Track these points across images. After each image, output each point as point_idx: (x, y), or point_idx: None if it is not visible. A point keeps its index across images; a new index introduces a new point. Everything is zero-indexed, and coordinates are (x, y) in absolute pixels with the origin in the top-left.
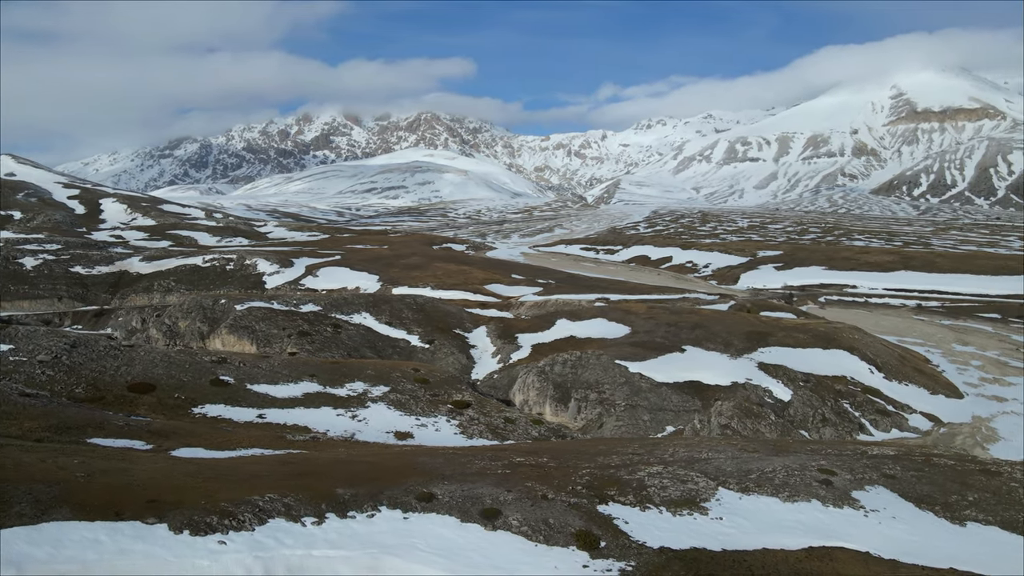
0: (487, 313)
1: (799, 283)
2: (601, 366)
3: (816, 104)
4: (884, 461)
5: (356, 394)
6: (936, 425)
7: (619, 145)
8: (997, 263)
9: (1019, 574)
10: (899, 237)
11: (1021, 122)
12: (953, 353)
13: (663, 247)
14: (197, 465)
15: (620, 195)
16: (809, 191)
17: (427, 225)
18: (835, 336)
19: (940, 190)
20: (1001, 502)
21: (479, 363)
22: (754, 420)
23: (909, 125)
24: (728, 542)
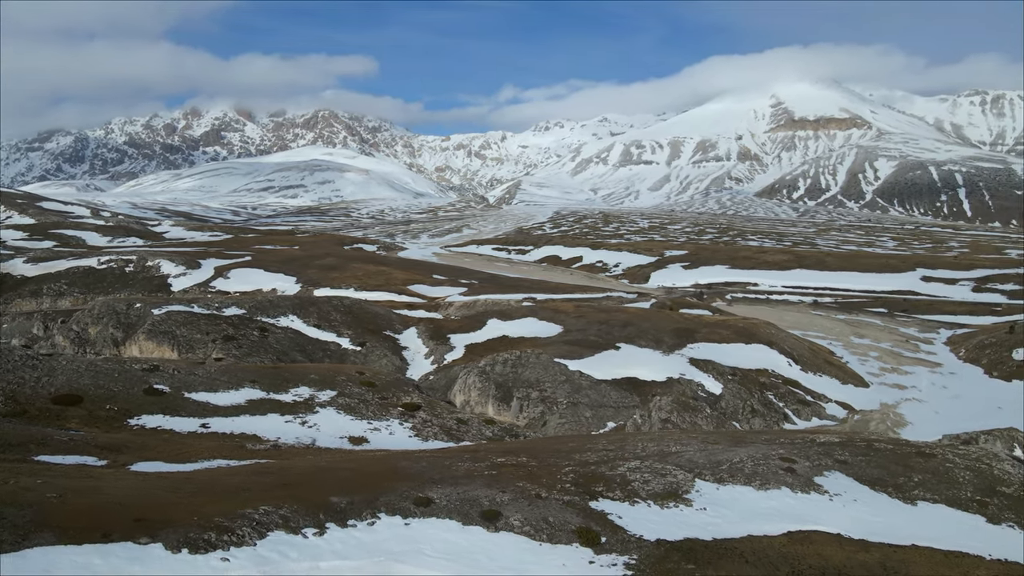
0: (416, 314)
1: (706, 281)
2: (541, 365)
3: (704, 111)
4: (833, 448)
5: (303, 399)
6: (850, 413)
7: (518, 146)
8: (879, 262)
9: (970, 546)
10: (788, 238)
11: (885, 132)
12: (852, 345)
13: (573, 247)
14: (170, 480)
15: (521, 196)
16: (700, 193)
17: (331, 225)
18: (754, 331)
19: (816, 193)
20: (942, 481)
21: (412, 365)
22: (691, 413)
23: (787, 132)
24: (716, 531)
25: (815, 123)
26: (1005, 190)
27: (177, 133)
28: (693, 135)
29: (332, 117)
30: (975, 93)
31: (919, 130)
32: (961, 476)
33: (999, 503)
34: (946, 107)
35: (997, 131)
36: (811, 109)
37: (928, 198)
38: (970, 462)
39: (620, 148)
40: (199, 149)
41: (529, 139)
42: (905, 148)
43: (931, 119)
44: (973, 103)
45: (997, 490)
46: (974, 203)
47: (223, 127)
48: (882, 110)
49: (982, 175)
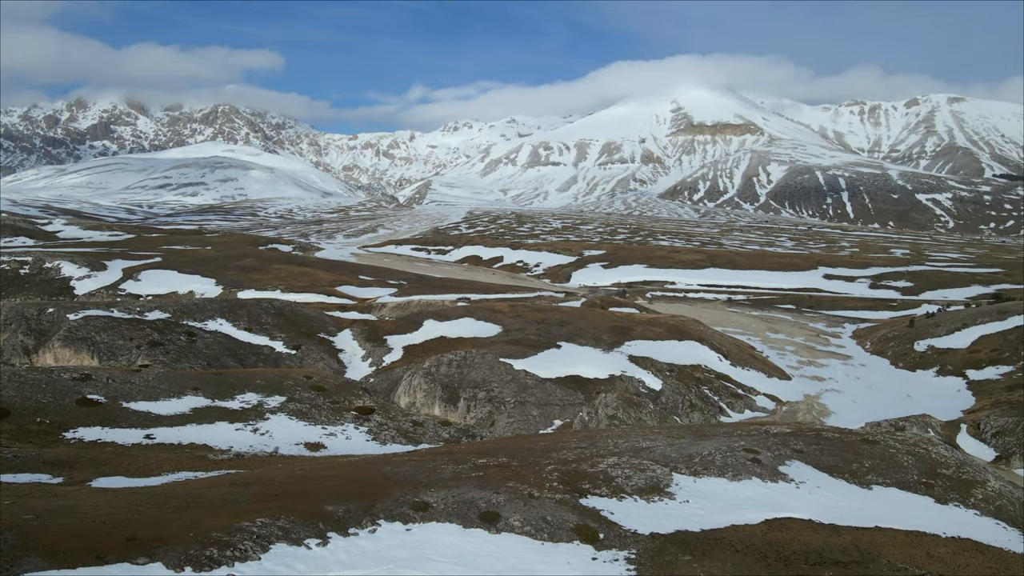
0: (349, 316)
1: (626, 280)
2: (487, 365)
3: (609, 114)
4: (787, 438)
5: (251, 406)
6: (778, 404)
7: (427, 146)
8: (785, 260)
9: (926, 526)
10: (696, 238)
11: (776, 138)
12: (769, 340)
13: (493, 247)
14: (148, 495)
15: (432, 196)
16: (606, 194)
17: (238, 224)
18: (685, 329)
19: (715, 195)
20: (890, 466)
21: (350, 367)
22: (636, 409)
23: (687, 137)
24: (703, 522)
25: (712, 128)
26: (883, 194)
27: (60, 125)
28: (599, 137)
29: (233, 112)
30: (855, 103)
31: (806, 137)
32: (905, 461)
33: (943, 484)
34: (829, 116)
35: (874, 139)
36: (709, 115)
37: (815, 200)
38: (909, 447)
39: (528, 149)
40: (86, 143)
41: (438, 139)
42: (794, 154)
43: (816, 127)
44: (853, 112)
45: (938, 472)
46: (856, 206)
47: (113, 120)
48: (773, 117)
49: (862, 180)
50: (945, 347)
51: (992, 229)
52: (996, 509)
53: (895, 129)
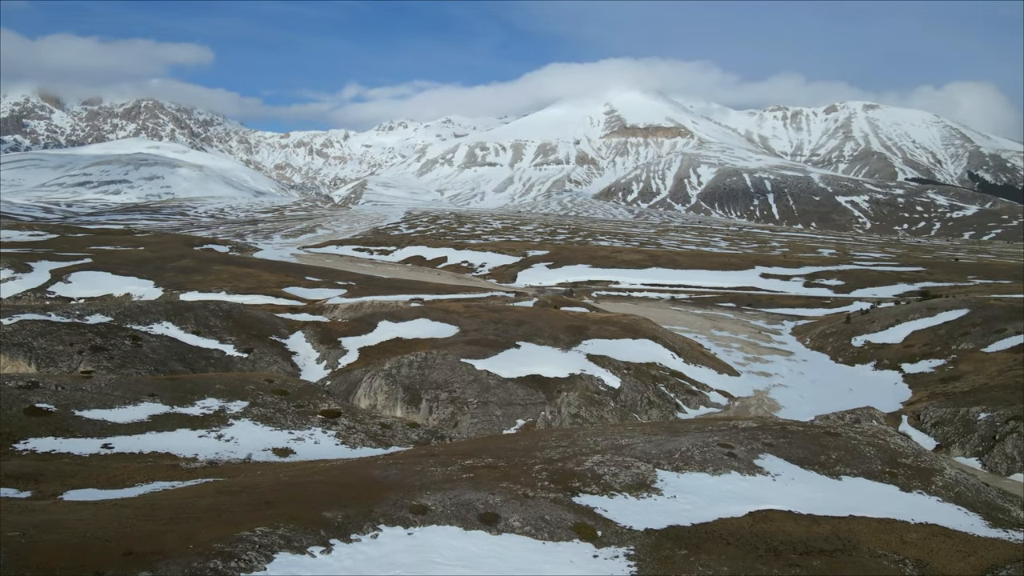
0: (300, 317)
1: (571, 280)
2: (448, 366)
3: (544, 115)
4: (756, 432)
5: (213, 412)
6: (731, 400)
7: (362, 146)
8: (723, 260)
9: (896, 513)
10: (635, 238)
11: (705, 141)
12: (715, 338)
13: (437, 247)
14: (134, 508)
15: (368, 196)
16: (542, 195)
17: (167, 224)
18: (638, 327)
19: (648, 197)
20: (856, 457)
21: (304, 370)
22: (598, 407)
23: (621, 139)
24: (692, 517)
25: (645, 131)
26: (806, 196)
27: None
28: (534, 139)
29: (158, 108)
30: (778, 109)
31: (734, 140)
32: (867, 451)
33: (905, 473)
34: (755, 120)
35: (796, 143)
36: (641, 118)
37: (743, 202)
38: (868, 438)
39: (465, 150)
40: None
41: (373, 138)
42: (723, 156)
43: (743, 130)
44: (776, 117)
45: (899, 462)
46: (781, 207)
47: (25, 114)
48: (702, 121)
49: (787, 182)
50: (880, 342)
51: (905, 230)
52: (956, 495)
53: (816, 134)
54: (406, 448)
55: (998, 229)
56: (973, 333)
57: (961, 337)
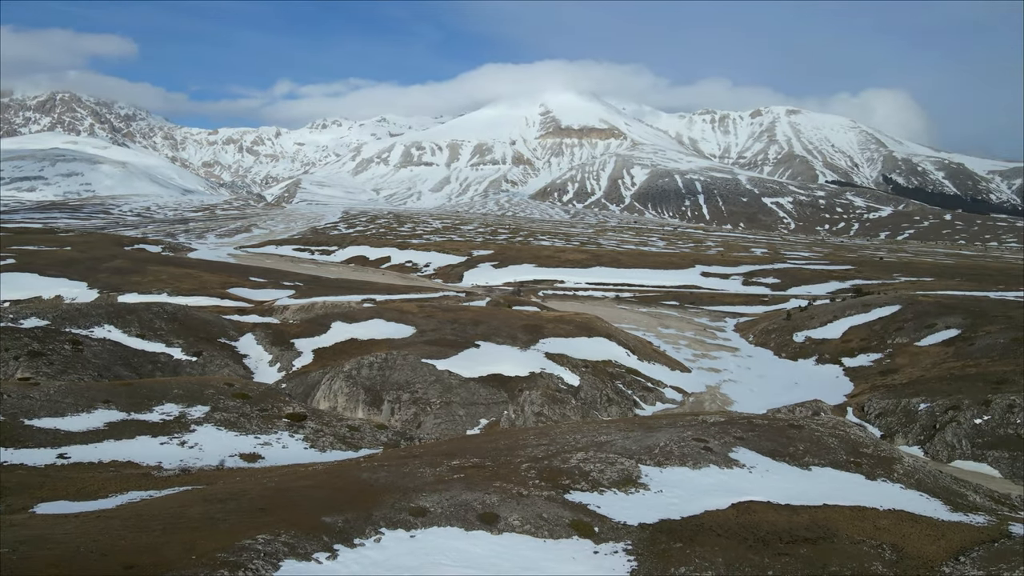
0: (249, 319)
1: (517, 279)
2: (409, 366)
3: (480, 115)
4: (726, 427)
5: (173, 417)
6: (685, 396)
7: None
8: (664, 259)
9: (865, 500)
10: (575, 238)
11: (638, 143)
12: (663, 335)
13: (379, 247)
14: (122, 519)
15: (302, 195)
16: (479, 195)
17: (90, 223)
18: (592, 326)
19: (583, 197)
20: (821, 448)
21: (257, 373)
22: (560, 405)
23: (556, 140)
24: (680, 510)
25: (579, 132)
26: (734, 197)
27: None
28: (471, 139)
29: (75, 101)
30: (707, 112)
31: (665, 142)
32: (831, 442)
33: (868, 462)
34: (684, 123)
35: (724, 146)
36: (576, 119)
37: (675, 203)
38: (830, 430)
39: (401, 149)
40: None
41: (305, 136)
42: (655, 158)
43: (673, 133)
44: (705, 121)
45: (861, 451)
46: (711, 208)
47: None
48: (635, 123)
49: (716, 184)
50: (820, 338)
51: (827, 230)
52: (917, 482)
53: (742, 137)
54: (375, 450)
55: (911, 230)
56: (906, 328)
57: (895, 332)
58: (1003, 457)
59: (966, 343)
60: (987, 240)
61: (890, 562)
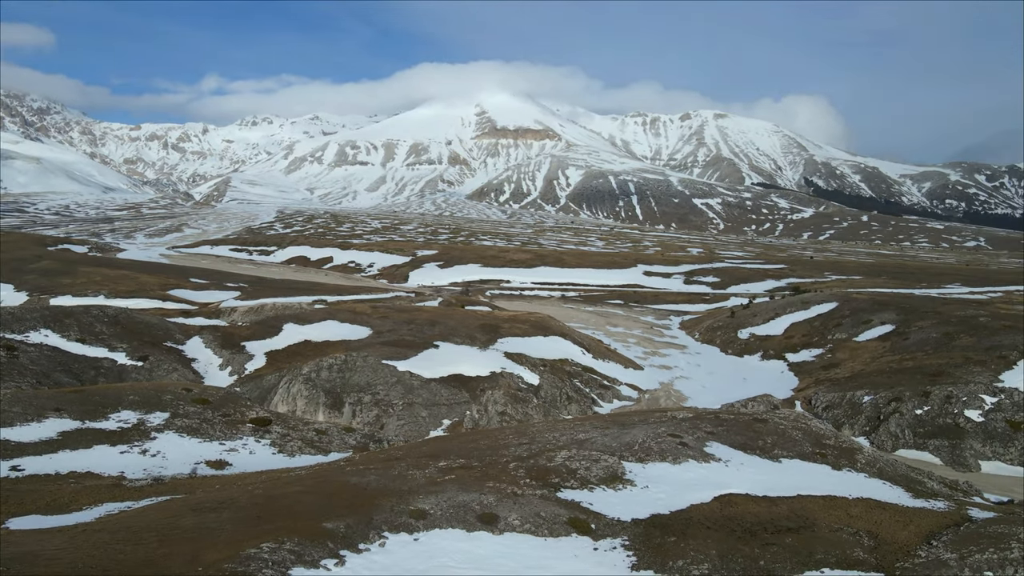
0: (195, 322)
1: (463, 279)
2: (370, 368)
3: (415, 115)
4: (695, 422)
5: (131, 425)
6: (640, 393)
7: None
8: (607, 259)
9: (835, 490)
10: (516, 238)
11: (573, 144)
12: (612, 334)
13: (321, 247)
14: (110, 532)
15: (232, 194)
16: (416, 195)
17: (3, 222)
18: (547, 325)
19: (519, 197)
20: (788, 441)
21: (207, 377)
22: (523, 405)
23: (492, 140)
24: (668, 505)
25: (515, 133)
26: (666, 198)
27: None
28: (406, 138)
29: None
30: (638, 115)
31: (599, 144)
32: (795, 435)
33: (832, 453)
34: (617, 125)
35: (655, 148)
36: (511, 120)
37: (609, 203)
38: (792, 423)
39: (335, 148)
40: None
41: (235, 133)
42: (589, 159)
43: (607, 135)
44: (637, 123)
45: (824, 443)
46: (644, 208)
47: None
48: (569, 125)
49: (649, 185)
50: (764, 334)
51: (754, 230)
52: (879, 471)
53: (672, 140)
54: (345, 454)
55: (831, 230)
56: (844, 324)
57: (834, 328)
58: (943, 445)
59: (901, 338)
60: (901, 240)
61: (869, 548)
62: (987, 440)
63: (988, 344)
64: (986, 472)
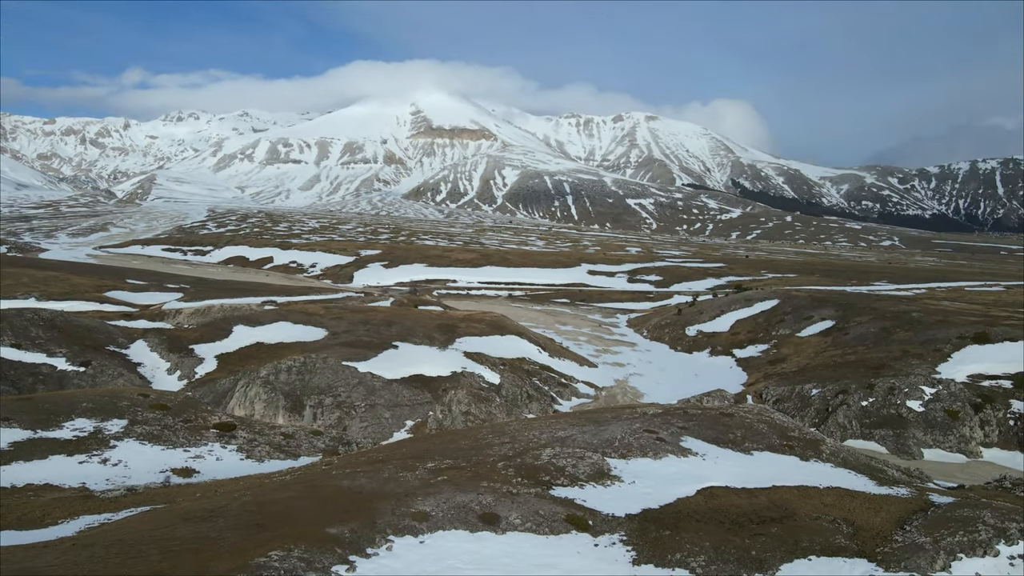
0: (138, 325)
1: (409, 279)
2: (330, 369)
3: (350, 113)
4: (666, 418)
5: (88, 433)
6: (597, 390)
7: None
8: (551, 258)
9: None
10: (457, 237)
11: (508, 144)
12: (562, 332)
13: (260, 247)
14: (105, 547)
15: (158, 191)
16: (351, 194)
17: None
18: (503, 324)
19: (456, 197)
20: (756, 434)
21: (155, 382)
22: (486, 404)
23: (427, 140)
24: (657, 499)
25: (451, 132)
26: (600, 199)
27: None
28: (340, 136)
29: None
30: (572, 116)
31: (534, 144)
32: (761, 428)
33: (799, 444)
34: (552, 126)
35: (589, 149)
36: (447, 119)
37: (545, 203)
38: (756, 416)
39: (267, 145)
40: None
41: (160, 129)
42: (525, 160)
43: (541, 135)
44: (571, 124)
45: (790, 435)
46: (579, 208)
47: None
48: (504, 125)
49: (583, 185)
50: (711, 331)
51: (685, 230)
52: (843, 461)
53: (605, 141)
54: (314, 458)
55: (758, 230)
56: (787, 320)
57: (778, 324)
58: (888, 435)
59: (841, 333)
60: (823, 240)
61: (849, 535)
62: (928, 429)
63: (923, 338)
64: (928, 459)
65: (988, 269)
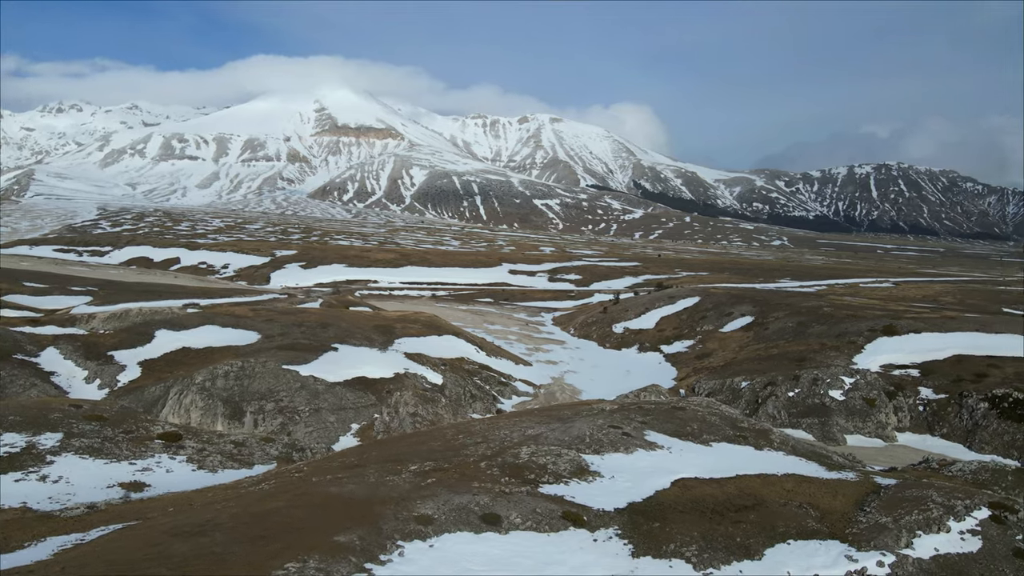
0: (46, 331)
1: (329, 280)
2: (271, 373)
3: (250, 108)
4: (626, 414)
5: (20, 449)
6: (536, 388)
7: (21, 128)
8: (471, 258)
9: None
10: (372, 237)
11: (416, 144)
12: (492, 331)
13: (165, 248)
14: (106, 568)
15: (37, 188)
16: (253, 192)
17: None
18: (439, 324)
19: (364, 196)
20: (710, 427)
21: (72, 392)
22: (432, 405)
23: (333, 138)
24: (639, 493)
25: (357, 131)
26: (508, 199)
27: None
28: (240, 133)
29: None
30: (479, 116)
31: (442, 144)
32: (714, 420)
33: (752, 435)
34: (458, 126)
35: (496, 149)
36: (353, 117)
37: (454, 203)
38: (705, 409)
39: (159, 140)
40: None
41: (37, 120)
42: (433, 159)
43: (448, 135)
44: (478, 124)
45: (739, 426)
46: (488, 208)
47: None
48: (411, 124)
49: (491, 186)
50: (638, 328)
51: (591, 230)
52: (792, 448)
53: (511, 142)
54: (269, 466)
55: (660, 230)
56: (709, 316)
57: (701, 320)
58: (815, 423)
59: (762, 328)
60: (719, 239)
61: (817, 518)
62: (849, 416)
63: (838, 331)
64: (852, 445)
65: (873, 267)
